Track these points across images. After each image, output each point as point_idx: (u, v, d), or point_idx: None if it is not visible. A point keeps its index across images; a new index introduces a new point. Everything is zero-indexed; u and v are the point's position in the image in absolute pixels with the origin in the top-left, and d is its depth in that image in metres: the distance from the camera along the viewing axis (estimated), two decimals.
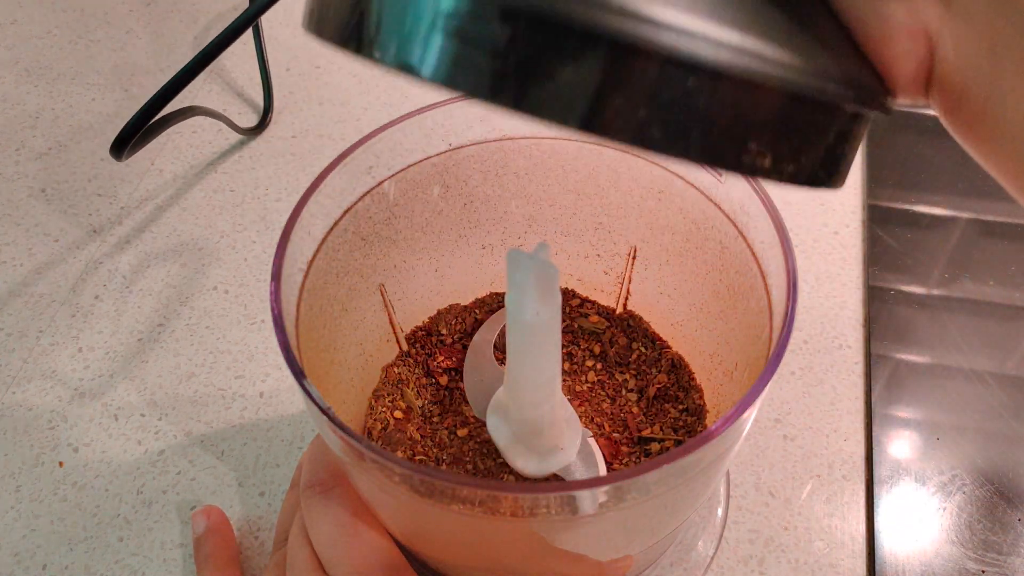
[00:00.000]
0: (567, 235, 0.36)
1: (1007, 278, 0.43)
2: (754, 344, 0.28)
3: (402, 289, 0.36)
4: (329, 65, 0.56)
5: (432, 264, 0.36)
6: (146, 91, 0.55)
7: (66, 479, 0.38)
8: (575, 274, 0.38)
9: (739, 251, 0.29)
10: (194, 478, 0.37)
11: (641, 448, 0.34)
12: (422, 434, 0.35)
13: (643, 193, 0.33)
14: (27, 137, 0.52)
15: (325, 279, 0.30)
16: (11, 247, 0.47)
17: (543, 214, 0.36)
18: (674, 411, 0.35)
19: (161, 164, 0.51)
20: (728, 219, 0.30)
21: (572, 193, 0.34)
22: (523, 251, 0.25)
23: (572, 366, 0.37)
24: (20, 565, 0.35)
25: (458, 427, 0.35)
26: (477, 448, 0.34)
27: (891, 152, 0.49)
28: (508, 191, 0.35)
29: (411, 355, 0.37)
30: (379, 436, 0.34)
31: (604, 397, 0.36)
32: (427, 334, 0.38)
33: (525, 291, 0.25)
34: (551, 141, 0.32)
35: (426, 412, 0.36)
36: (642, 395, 0.36)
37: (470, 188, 0.34)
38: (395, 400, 0.36)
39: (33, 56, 0.57)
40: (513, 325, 0.27)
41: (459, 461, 0.34)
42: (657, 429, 0.34)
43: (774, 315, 0.26)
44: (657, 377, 0.36)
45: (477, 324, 0.38)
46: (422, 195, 0.33)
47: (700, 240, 0.32)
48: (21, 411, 0.40)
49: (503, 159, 0.33)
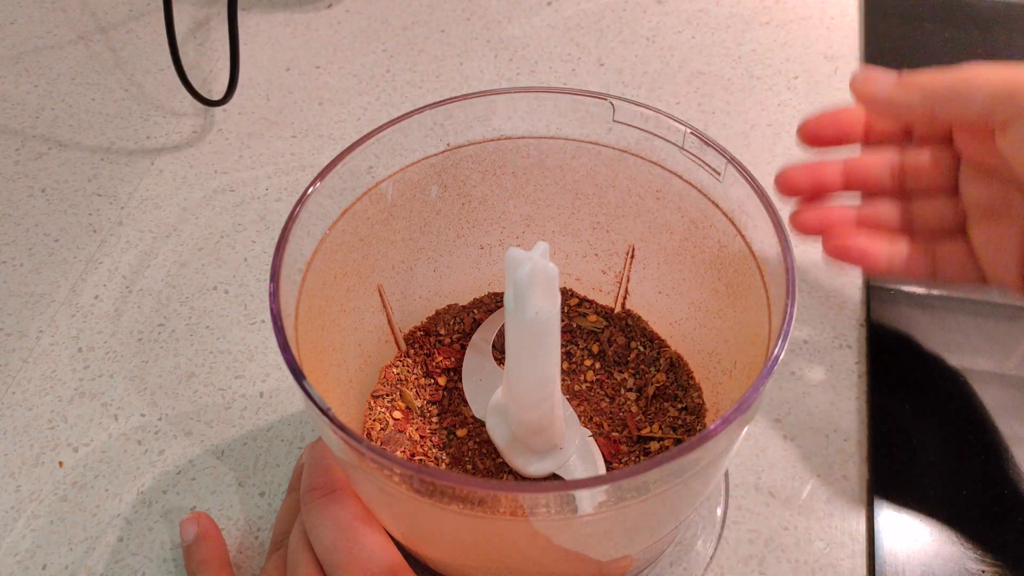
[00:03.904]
0: (565, 235, 0.36)
1: None
2: (753, 343, 0.28)
3: (400, 290, 0.36)
4: (329, 65, 0.56)
5: (430, 264, 0.36)
6: (146, 91, 0.55)
7: (66, 479, 0.38)
8: (573, 273, 0.38)
9: (738, 250, 0.29)
10: (194, 478, 0.37)
11: (640, 447, 0.34)
12: (421, 434, 0.35)
13: (641, 192, 0.33)
14: (27, 137, 0.52)
15: (324, 280, 0.30)
16: (11, 247, 0.47)
17: (541, 213, 0.36)
18: (673, 410, 0.34)
19: (161, 164, 0.51)
20: (727, 218, 0.30)
21: (570, 192, 0.34)
22: (522, 250, 0.25)
23: (571, 365, 0.37)
24: (20, 565, 0.35)
25: (457, 427, 0.35)
26: (476, 448, 0.34)
27: None
28: (506, 191, 0.35)
29: (409, 355, 0.37)
30: (379, 437, 0.34)
31: (603, 396, 0.36)
32: (425, 334, 0.38)
33: (524, 290, 0.25)
34: (549, 141, 0.33)
35: (425, 412, 0.36)
36: (641, 394, 0.35)
37: (468, 188, 0.34)
38: (394, 401, 0.36)
39: (33, 56, 0.57)
40: (512, 324, 0.27)
41: (458, 461, 0.34)
42: (656, 428, 0.34)
43: (773, 314, 0.26)
44: (656, 376, 0.36)
45: (475, 324, 0.38)
46: (420, 195, 0.33)
47: (699, 239, 0.32)
48: (21, 411, 0.40)
49: (501, 159, 0.33)
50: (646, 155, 0.31)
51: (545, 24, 0.57)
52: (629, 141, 0.31)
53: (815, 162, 0.35)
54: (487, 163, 0.33)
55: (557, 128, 0.32)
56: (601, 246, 0.36)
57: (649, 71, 0.54)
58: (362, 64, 0.56)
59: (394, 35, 0.58)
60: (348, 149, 0.29)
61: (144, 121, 0.53)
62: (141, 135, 0.52)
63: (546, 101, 0.31)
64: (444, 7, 0.60)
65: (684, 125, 0.29)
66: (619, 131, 0.31)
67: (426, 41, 0.57)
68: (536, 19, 0.58)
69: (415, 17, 0.59)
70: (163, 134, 0.52)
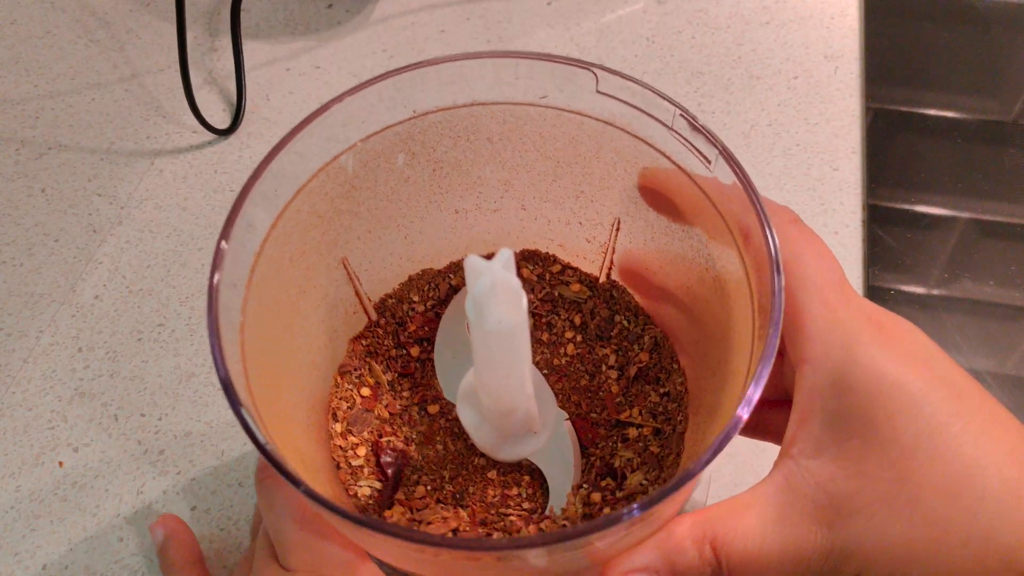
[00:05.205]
0: (546, 201, 0.34)
1: (1007, 278, 0.43)
2: (738, 353, 0.26)
3: (368, 259, 0.33)
4: (328, 65, 0.56)
5: (400, 232, 0.34)
6: (146, 91, 0.55)
7: (66, 479, 0.38)
8: (556, 239, 0.36)
9: (725, 252, 0.27)
10: (194, 478, 0.37)
11: (619, 432, 0.33)
12: (391, 411, 0.33)
13: (628, 168, 0.31)
14: (27, 137, 0.52)
15: (277, 267, 0.28)
16: (11, 247, 0.47)
17: (520, 179, 0.34)
18: (655, 395, 0.33)
19: (161, 164, 0.51)
20: (715, 208, 0.27)
21: (551, 160, 0.32)
22: (481, 259, 0.24)
23: (551, 336, 0.35)
24: (20, 565, 0.35)
25: (429, 403, 0.34)
26: (448, 427, 0.33)
27: (891, 152, 0.49)
28: (481, 156, 0.32)
29: (380, 325, 0.35)
30: (344, 416, 0.33)
31: (583, 373, 0.34)
32: (398, 301, 0.35)
33: (483, 302, 0.24)
34: (527, 107, 0.30)
35: (396, 386, 0.34)
36: (622, 373, 0.34)
37: (439, 154, 0.32)
38: (363, 376, 0.34)
39: (33, 56, 0.57)
40: (474, 332, 0.25)
41: (429, 441, 0.33)
42: (636, 413, 0.33)
43: (756, 315, 0.25)
44: (639, 355, 0.34)
45: (452, 291, 0.36)
46: (385, 164, 0.31)
47: (687, 227, 0.30)
48: (21, 411, 0.40)
49: (474, 124, 0.31)
50: (633, 130, 0.29)
51: (545, 24, 0.57)
52: (614, 114, 0.29)
53: None
54: (459, 129, 0.31)
55: (535, 95, 0.30)
56: (585, 215, 0.34)
57: (649, 71, 0.54)
58: (362, 64, 0.56)
59: (394, 35, 0.58)
60: (296, 128, 0.27)
61: (144, 121, 0.53)
62: (141, 135, 0.52)
63: (522, 68, 0.29)
64: (444, 7, 0.60)
65: (674, 105, 0.27)
66: (604, 103, 0.29)
67: (426, 41, 0.57)
68: (536, 19, 0.58)
69: (415, 17, 0.59)
70: (163, 134, 0.52)
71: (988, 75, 0.52)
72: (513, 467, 0.32)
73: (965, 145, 0.48)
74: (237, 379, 0.23)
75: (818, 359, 0.24)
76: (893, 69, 0.52)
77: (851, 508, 0.22)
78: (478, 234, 0.35)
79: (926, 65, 0.52)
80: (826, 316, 0.24)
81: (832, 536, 0.22)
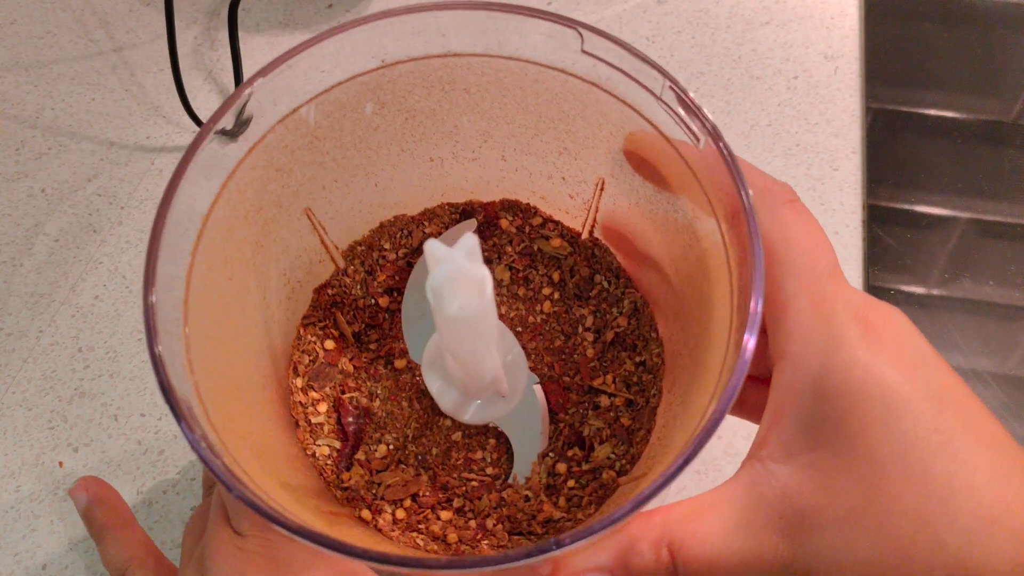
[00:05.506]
0: (528, 154, 0.33)
1: (1007, 278, 0.43)
2: (717, 344, 0.25)
3: (335, 208, 0.32)
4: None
5: (370, 179, 0.32)
6: (146, 91, 0.55)
7: (66, 479, 0.38)
8: (538, 191, 0.34)
9: (710, 230, 0.26)
10: (194, 478, 0.37)
11: (590, 399, 0.31)
12: (356, 365, 0.32)
13: (613, 130, 0.29)
14: (27, 137, 0.52)
15: (228, 228, 0.26)
16: (11, 247, 0.47)
17: (500, 131, 0.32)
18: (630, 363, 0.31)
19: (161, 164, 0.51)
20: (701, 187, 0.26)
21: (533, 115, 0.31)
22: (442, 245, 0.22)
23: (528, 292, 0.34)
24: (20, 565, 0.35)
25: (396, 357, 0.32)
26: (414, 383, 0.32)
27: (891, 152, 0.49)
28: (457, 106, 0.31)
29: (348, 273, 0.33)
30: (305, 371, 0.31)
31: (558, 333, 0.33)
32: (368, 248, 0.33)
33: (442, 291, 0.22)
34: (506, 61, 0.29)
35: (362, 338, 0.32)
36: (599, 336, 0.32)
37: (411, 103, 0.31)
38: (327, 328, 0.32)
39: (33, 56, 0.57)
40: (437, 317, 0.24)
41: (395, 397, 0.32)
42: (610, 380, 0.31)
43: (735, 313, 0.23)
44: (617, 319, 0.32)
45: (426, 239, 0.35)
46: (351, 114, 0.30)
47: (672, 196, 0.29)
48: (21, 411, 0.40)
49: (449, 75, 0.30)
50: (619, 95, 0.28)
51: None
52: (600, 75, 0.28)
53: None
54: (433, 79, 0.30)
55: (515, 49, 0.29)
56: (568, 172, 0.32)
57: None
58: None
59: None
60: (248, 82, 0.26)
61: (144, 121, 0.53)
62: (141, 135, 0.52)
63: (499, 20, 0.27)
64: None
65: (664, 75, 0.25)
66: (589, 63, 0.28)
67: None
68: None
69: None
70: (163, 134, 0.52)
71: (988, 75, 0.52)
72: (479, 429, 0.32)
73: (965, 145, 0.48)
74: (173, 358, 0.22)
75: (798, 357, 0.23)
76: (893, 69, 0.52)
77: (815, 523, 0.21)
78: (455, 182, 0.34)
79: (926, 65, 0.52)
80: (811, 310, 0.23)
81: (794, 549, 0.22)
